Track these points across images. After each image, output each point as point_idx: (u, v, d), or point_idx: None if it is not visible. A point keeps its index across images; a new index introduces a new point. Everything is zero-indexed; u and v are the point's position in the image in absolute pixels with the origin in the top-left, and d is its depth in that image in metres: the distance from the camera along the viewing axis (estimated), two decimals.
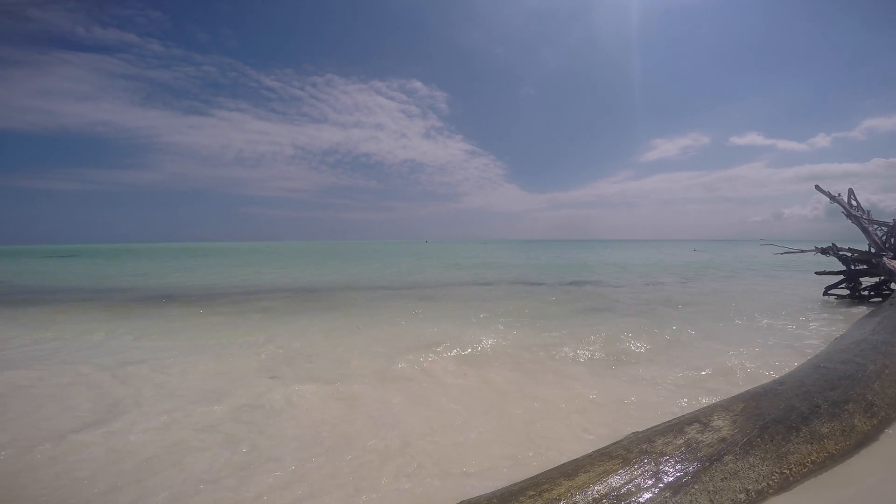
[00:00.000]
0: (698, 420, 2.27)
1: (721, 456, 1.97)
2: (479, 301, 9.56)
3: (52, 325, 6.99)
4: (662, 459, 1.93)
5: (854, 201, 9.40)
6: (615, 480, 1.81)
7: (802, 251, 9.78)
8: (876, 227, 8.92)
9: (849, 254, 8.79)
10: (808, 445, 2.20)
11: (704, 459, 1.94)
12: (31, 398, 3.68)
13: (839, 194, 9.56)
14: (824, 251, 9.24)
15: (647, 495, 1.75)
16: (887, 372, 2.96)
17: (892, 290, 7.96)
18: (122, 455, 2.71)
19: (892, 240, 8.52)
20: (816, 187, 9.61)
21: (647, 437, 2.12)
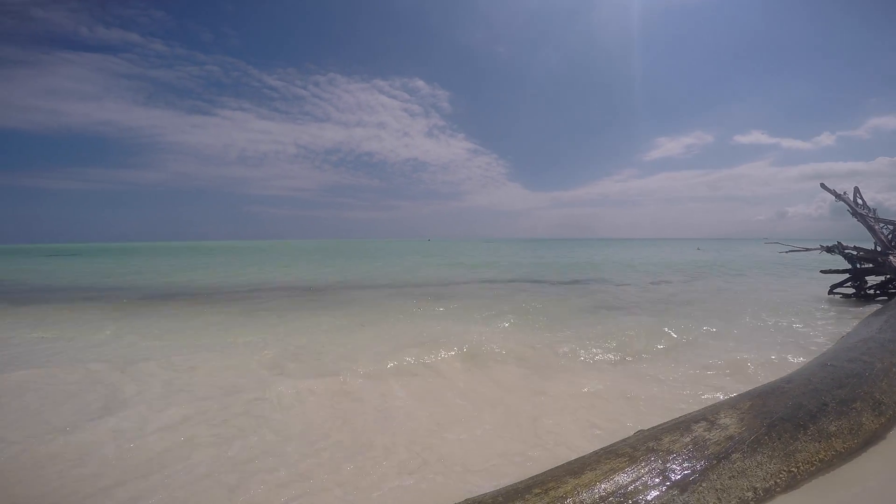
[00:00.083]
0: (705, 418, 2.25)
1: (729, 454, 1.96)
2: (482, 299, 9.56)
3: (59, 323, 7.03)
4: (669, 457, 1.92)
5: (860, 199, 9.34)
6: (622, 478, 1.80)
7: (808, 249, 9.74)
8: (882, 225, 8.86)
9: (854, 252, 8.75)
10: (816, 444, 2.19)
11: (712, 457, 1.93)
12: (45, 395, 3.69)
13: (845, 193, 9.50)
14: (829, 249, 9.19)
15: (655, 493, 1.75)
16: (895, 370, 2.94)
17: None
18: (131, 451, 2.72)
19: None
20: (822, 185, 9.55)
21: (654, 435, 2.11)
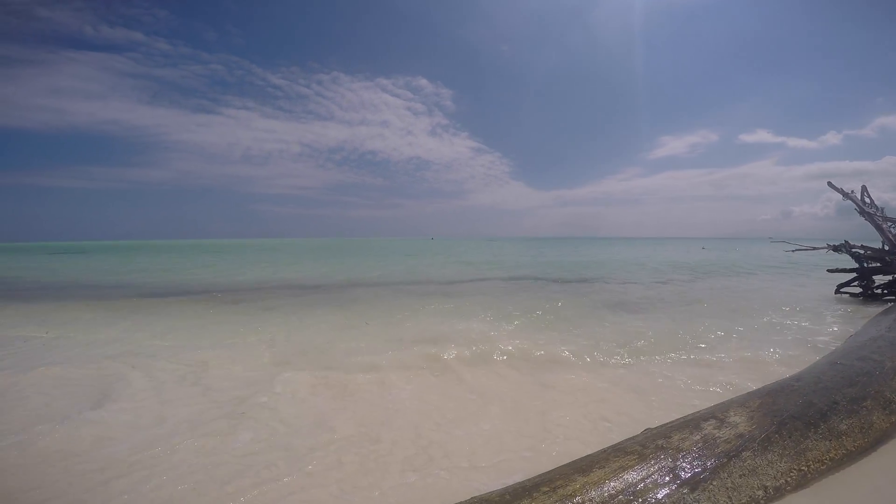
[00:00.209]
0: (714, 416, 2.24)
1: (739, 452, 1.95)
2: (488, 297, 9.54)
3: (69, 322, 7.03)
4: (679, 455, 1.90)
5: (867, 198, 9.24)
6: (631, 476, 1.78)
7: (815, 248, 9.67)
8: (890, 224, 8.76)
9: (862, 251, 8.67)
10: (827, 442, 2.17)
11: (722, 455, 1.92)
12: (60, 391, 3.70)
13: (852, 191, 9.40)
14: (837, 248, 9.12)
15: (665, 491, 1.73)
16: None
17: None
18: (141, 444, 2.73)
19: None
20: (829, 184, 9.46)
21: (663, 433, 2.09)
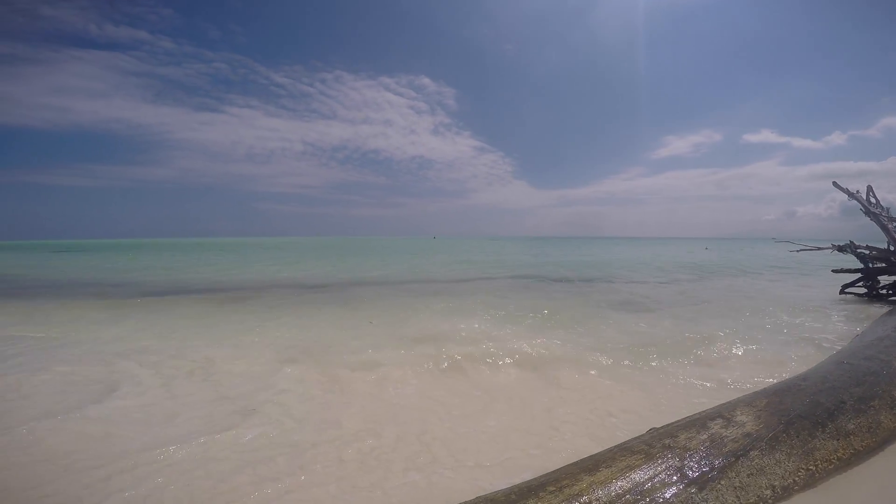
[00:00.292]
0: (721, 415, 2.22)
1: (747, 451, 1.93)
2: (492, 296, 9.53)
3: (74, 319, 7.04)
4: (686, 454, 1.89)
5: (873, 198, 9.19)
6: (638, 476, 1.77)
7: (819, 248, 9.62)
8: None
9: (867, 251, 8.62)
10: (835, 441, 2.15)
11: (730, 455, 1.90)
12: (71, 388, 3.71)
13: (857, 192, 9.35)
14: (842, 249, 9.07)
15: (672, 490, 1.72)
16: None
17: None
18: (150, 440, 2.73)
19: None
20: (834, 184, 9.41)
21: (670, 433, 2.08)
